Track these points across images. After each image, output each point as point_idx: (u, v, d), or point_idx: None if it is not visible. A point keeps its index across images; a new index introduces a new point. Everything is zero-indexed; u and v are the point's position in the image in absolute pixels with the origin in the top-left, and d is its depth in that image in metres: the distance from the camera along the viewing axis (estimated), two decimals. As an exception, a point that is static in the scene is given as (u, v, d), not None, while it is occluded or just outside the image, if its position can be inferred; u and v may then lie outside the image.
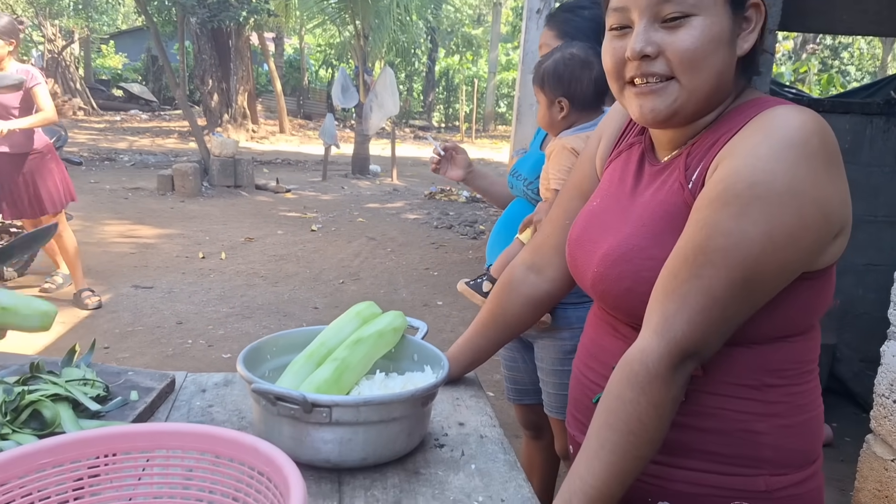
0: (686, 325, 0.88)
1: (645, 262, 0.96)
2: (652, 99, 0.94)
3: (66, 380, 1.19)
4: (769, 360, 0.95)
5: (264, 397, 1.04)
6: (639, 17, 0.92)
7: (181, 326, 4.40)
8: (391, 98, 11.75)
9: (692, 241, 0.88)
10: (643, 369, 0.89)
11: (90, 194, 8.73)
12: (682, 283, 0.88)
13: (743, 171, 0.86)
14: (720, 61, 0.91)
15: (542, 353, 1.91)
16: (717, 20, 0.90)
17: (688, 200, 0.93)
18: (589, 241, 1.07)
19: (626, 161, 1.10)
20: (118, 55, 28.04)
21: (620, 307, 1.02)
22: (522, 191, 1.92)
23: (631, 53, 0.93)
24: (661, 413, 0.90)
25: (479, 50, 27.54)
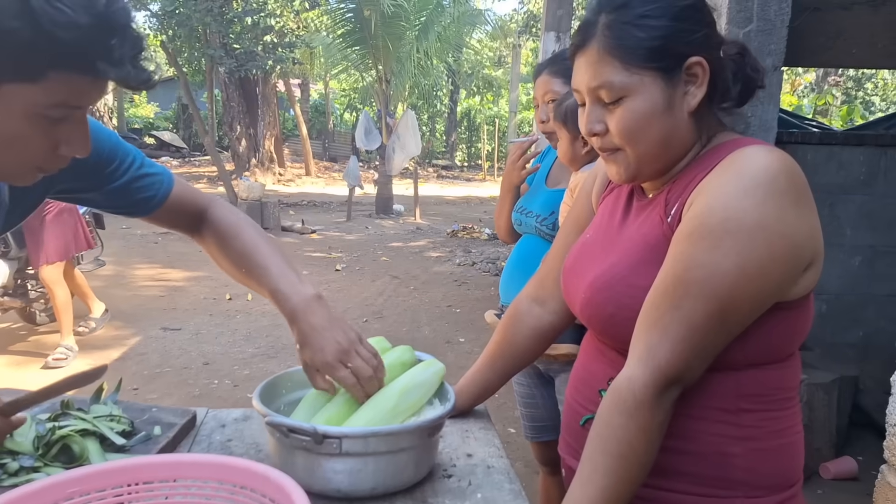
0: (669, 353, 0.93)
1: (626, 290, 1.02)
2: (613, 165, 1.05)
3: (93, 416, 1.26)
4: (745, 386, 0.99)
5: (278, 430, 1.09)
6: (586, 98, 1.03)
7: (208, 367, 4.49)
8: (413, 139, 11.97)
9: (671, 274, 0.95)
10: (630, 396, 0.95)
11: (122, 239, 8.96)
12: (663, 314, 0.94)
13: (715, 207, 0.92)
14: (659, 130, 0.99)
15: (566, 387, 1.92)
16: (647, 96, 0.97)
17: (666, 233, 1.00)
18: (579, 270, 1.14)
19: (617, 197, 1.18)
20: (150, 104, 28.89)
21: (606, 332, 1.09)
22: (534, 227, 1.97)
23: (585, 132, 1.04)
24: (649, 437, 0.95)
25: (500, 90, 27.91)
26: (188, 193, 1.30)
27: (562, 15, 6.10)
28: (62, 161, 0.90)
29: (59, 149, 0.88)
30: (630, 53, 0.96)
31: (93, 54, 0.79)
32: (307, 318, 1.14)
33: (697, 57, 0.97)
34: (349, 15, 12.04)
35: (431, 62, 13.80)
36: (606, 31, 0.98)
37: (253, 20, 10.63)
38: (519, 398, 2.15)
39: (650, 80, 0.97)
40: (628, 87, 0.97)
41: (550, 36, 6.02)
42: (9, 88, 0.80)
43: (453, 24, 12.99)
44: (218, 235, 1.28)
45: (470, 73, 26.20)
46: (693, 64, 0.98)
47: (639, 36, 0.96)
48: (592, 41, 0.99)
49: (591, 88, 1.00)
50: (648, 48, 0.96)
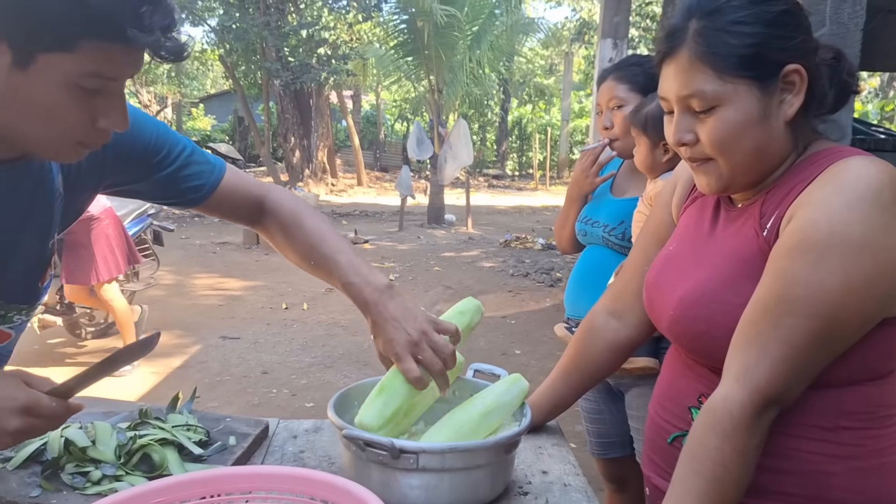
0: (768, 373, 0.90)
1: (719, 307, 0.99)
2: (703, 175, 1.02)
3: (171, 425, 1.28)
4: (844, 403, 0.96)
5: (354, 443, 1.08)
6: (675, 107, 1.00)
7: (266, 376, 4.55)
8: (465, 148, 11.98)
9: (771, 291, 0.91)
10: (727, 416, 0.91)
11: (181, 249, 9.19)
12: (762, 333, 0.90)
13: (818, 222, 0.88)
14: (753, 140, 0.95)
15: (637, 402, 1.87)
16: (741, 106, 0.94)
17: (762, 247, 0.96)
18: (665, 284, 1.11)
19: (702, 207, 1.14)
20: (207, 117, 29.71)
21: (696, 349, 1.05)
22: (602, 237, 1.93)
23: (673, 141, 1.01)
24: (745, 459, 0.92)
25: (552, 99, 27.79)
26: (242, 182, 1.29)
27: (619, 21, 6.03)
28: (103, 136, 0.93)
29: (97, 122, 0.90)
30: (723, 61, 0.93)
31: (123, 22, 0.81)
32: (379, 309, 1.14)
33: (795, 64, 0.93)
34: (402, 26, 12.16)
35: (484, 71, 13.82)
36: (697, 38, 0.94)
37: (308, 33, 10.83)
38: (585, 413, 2.11)
39: (744, 90, 0.94)
40: (721, 97, 0.94)
41: (607, 43, 5.95)
42: (45, 59, 0.82)
43: (506, 32, 12.99)
44: (281, 225, 1.28)
45: (521, 81, 26.16)
46: (790, 72, 0.94)
47: (732, 43, 0.93)
48: (682, 48, 0.96)
49: (682, 97, 0.97)
50: (742, 56, 0.93)
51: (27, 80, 0.83)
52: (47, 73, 0.83)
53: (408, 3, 11.05)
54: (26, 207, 1.01)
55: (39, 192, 1.03)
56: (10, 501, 1.05)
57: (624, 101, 1.90)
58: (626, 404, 1.93)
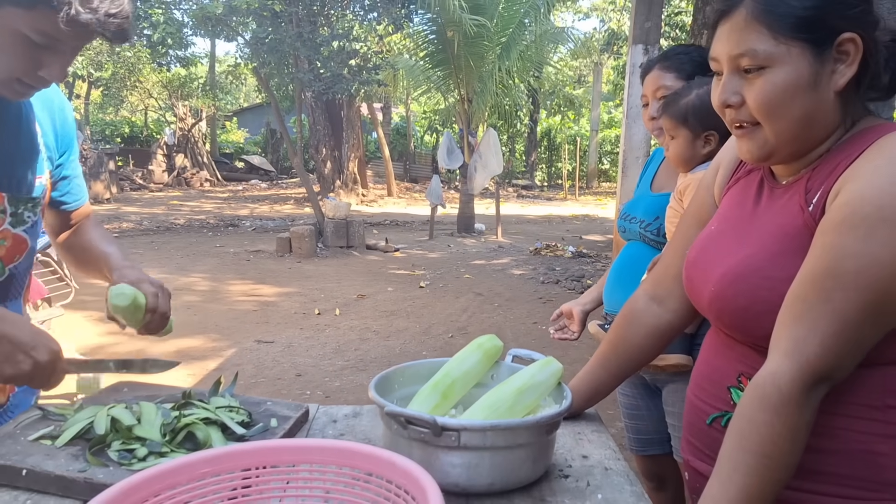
0: (819, 347, 0.88)
1: (762, 282, 0.97)
2: (746, 141, 1.00)
3: (215, 406, 1.30)
4: (892, 381, 0.93)
5: (396, 420, 1.09)
6: (725, 68, 0.98)
7: (300, 378, 4.58)
8: (495, 158, 12.00)
9: (819, 265, 0.89)
10: (776, 392, 0.89)
11: (216, 257, 9.33)
12: (811, 307, 0.89)
13: (868, 194, 0.87)
14: (801, 106, 0.94)
15: (674, 398, 1.85)
16: (793, 68, 0.92)
17: (808, 223, 0.95)
18: (706, 263, 1.09)
19: (745, 187, 1.12)
20: (240, 130, 30.19)
21: (737, 326, 1.03)
22: (639, 233, 1.92)
23: (718, 102, 1.00)
24: (795, 436, 0.90)
25: (581, 109, 27.70)
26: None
27: (650, 27, 6.00)
28: (42, 82, 1.15)
29: (40, 69, 1.12)
30: (780, 21, 0.92)
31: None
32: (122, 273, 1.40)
33: (851, 33, 0.92)
34: (432, 37, 12.23)
35: (513, 81, 13.84)
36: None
37: (339, 45, 10.95)
38: (623, 410, 2.09)
39: (798, 53, 0.92)
40: (773, 57, 0.93)
41: (638, 49, 5.92)
42: (6, 10, 1.05)
43: (535, 42, 13.00)
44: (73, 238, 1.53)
45: (551, 92, 26.13)
46: (846, 40, 0.92)
47: (791, 4, 0.92)
48: (740, 7, 0.95)
49: (733, 56, 0.96)
50: (800, 17, 0.91)
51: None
52: (7, 21, 1.06)
53: (437, 13, 11.13)
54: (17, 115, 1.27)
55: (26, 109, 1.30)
56: (59, 475, 1.07)
57: (671, 89, 1.87)
58: (663, 400, 1.90)
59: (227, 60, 23.01)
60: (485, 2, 11.77)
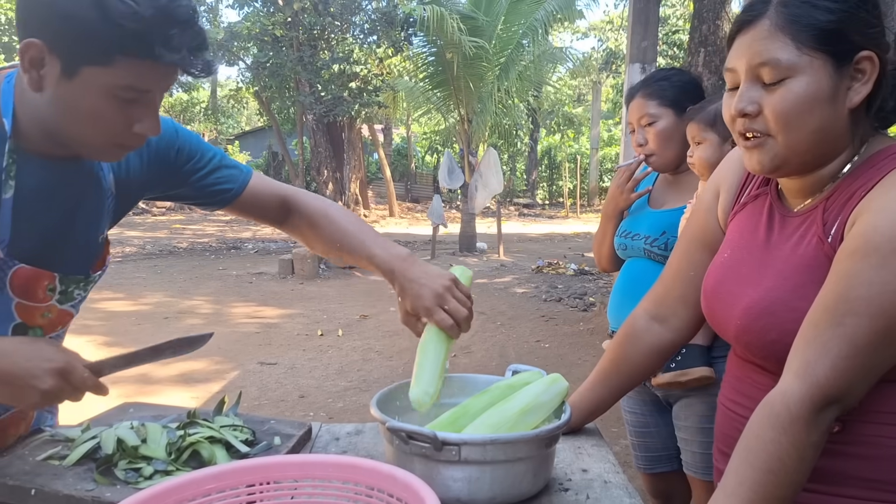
0: (829, 370, 0.90)
1: (789, 314, 0.98)
2: (757, 153, 1.01)
3: (219, 426, 1.31)
4: None
5: (397, 436, 1.10)
6: (743, 78, 0.99)
7: (303, 400, 4.59)
8: (495, 177, 12.05)
9: (833, 291, 0.91)
10: (785, 410, 0.91)
11: (219, 280, 9.36)
12: (822, 332, 0.91)
13: (881, 225, 0.89)
14: (819, 119, 0.95)
15: (686, 412, 1.85)
16: (813, 80, 0.94)
17: (828, 253, 0.97)
18: (727, 294, 1.10)
19: (754, 212, 1.13)
20: (242, 153, 30.32)
21: (768, 357, 1.04)
22: (643, 249, 1.92)
23: (734, 111, 1.00)
24: (801, 455, 0.91)
25: (581, 128, 27.86)
26: (269, 185, 1.42)
27: (646, 46, 6.07)
28: (139, 139, 1.06)
29: (133, 127, 1.03)
30: (804, 32, 0.94)
31: (152, 42, 0.94)
32: (404, 273, 1.24)
33: (869, 51, 0.95)
34: (431, 59, 12.37)
35: (512, 101, 13.95)
36: (781, 8, 0.95)
37: (340, 68, 11.07)
38: (630, 427, 2.08)
39: (819, 65, 0.94)
40: (795, 67, 0.94)
41: (636, 68, 5.99)
42: (87, 71, 0.96)
43: (533, 63, 13.12)
44: (308, 220, 1.39)
45: (550, 111, 26.30)
46: (864, 58, 0.95)
47: (816, 16, 0.94)
48: (763, 18, 0.97)
49: (753, 66, 0.97)
50: (824, 29, 0.93)
51: (73, 89, 0.98)
52: (89, 84, 0.97)
53: (436, 35, 11.25)
54: (77, 199, 1.16)
55: (90, 187, 1.18)
56: (67, 495, 1.09)
57: (656, 116, 1.91)
58: (674, 415, 1.90)
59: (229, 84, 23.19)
60: (483, 23, 11.90)
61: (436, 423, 1.18)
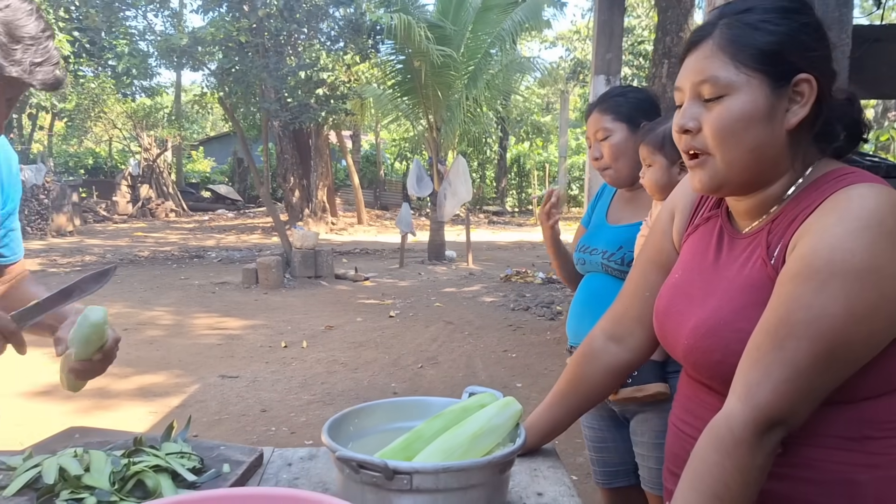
0: (770, 393, 0.90)
1: (733, 335, 0.99)
2: (698, 171, 1.03)
3: (165, 453, 1.27)
4: (869, 413, 0.96)
5: (348, 465, 1.08)
6: (686, 95, 1.02)
7: (265, 414, 4.52)
8: (464, 185, 12.06)
9: (775, 314, 0.92)
10: (729, 434, 0.92)
11: (180, 290, 9.21)
12: (765, 354, 0.91)
13: (820, 249, 0.90)
14: (755, 137, 0.97)
15: (642, 428, 1.86)
16: (750, 99, 0.96)
17: (771, 275, 0.97)
18: (676, 314, 1.11)
19: (706, 234, 1.15)
20: (207, 159, 29.98)
21: (714, 377, 1.05)
22: (601, 264, 1.94)
23: (676, 127, 1.03)
24: (746, 479, 0.91)
25: (549, 136, 28.07)
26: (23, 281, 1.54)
27: (611, 58, 6.12)
28: None
29: None
30: (743, 51, 0.96)
31: None
32: None
33: (808, 74, 0.96)
34: (399, 66, 12.34)
35: (481, 109, 13.99)
36: (724, 29, 0.98)
37: (306, 74, 10.98)
38: (589, 443, 2.08)
39: (756, 84, 0.96)
40: (733, 85, 0.96)
41: (600, 79, 6.04)
42: None
43: (502, 71, 13.18)
44: None
45: (519, 119, 26.46)
46: (802, 80, 0.96)
47: (755, 37, 0.96)
48: (708, 38, 0.99)
49: (695, 83, 1.00)
50: (762, 50, 0.96)
51: None
52: None
53: (404, 44, 11.24)
54: None
55: None
56: (3, 529, 1.05)
57: (610, 130, 1.94)
58: (631, 430, 1.91)
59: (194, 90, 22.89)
60: (451, 32, 11.92)
61: (388, 450, 1.16)
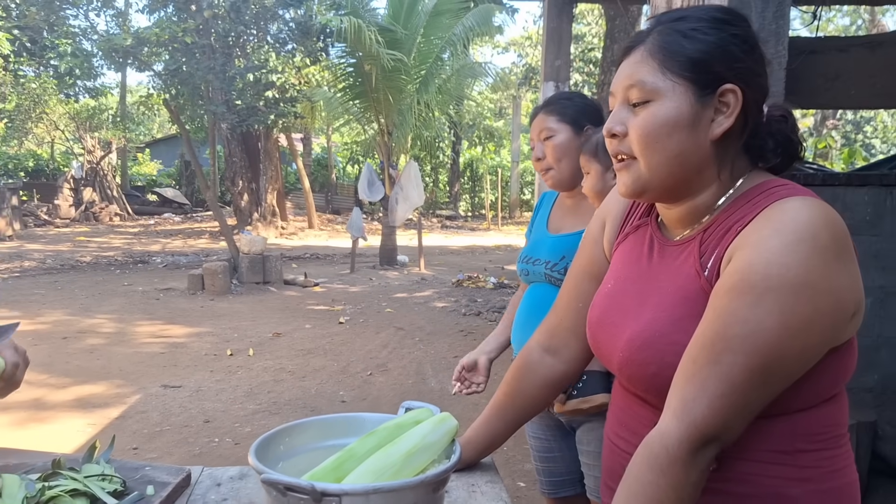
0: (706, 409, 0.89)
1: (668, 347, 0.98)
2: (623, 174, 1.03)
3: (85, 475, 1.21)
4: (800, 426, 0.96)
5: (274, 488, 1.04)
6: (617, 100, 1.03)
7: (209, 425, 4.40)
8: (416, 190, 12.03)
9: (710, 329, 0.91)
10: (663, 451, 0.91)
11: (123, 297, 8.94)
12: (700, 369, 0.90)
13: (756, 263, 0.89)
14: (678, 144, 0.97)
15: (589, 437, 1.86)
16: (674, 105, 0.96)
17: (704, 287, 0.97)
18: (611, 325, 1.10)
19: (636, 242, 1.14)
20: (153, 162, 29.27)
21: (649, 389, 1.04)
22: (544, 274, 1.93)
23: (605, 131, 1.04)
24: (681, 496, 0.90)
25: (502, 140, 28.26)
26: None
27: (559, 65, 6.19)
28: None
29: None
30: (670, 58, 0.97)
31: None
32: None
33: (733, 85, 0.96)
34: (350, 69, 12.25)
35: (433, 114, 13.97)
36: (657, 36, 0.99)
37: (255, 76, 10.82)
38: (535, 453, 2.07)
39: (681, 91, 0.96)
40: (658, 91, 0.97)
41: (549, 85, 6.10)
42: None
43: (454, 76, 13.19)
44: None
45: (471, 124, 26.56)
46: (727, 90, 0.96)
47: (684, 44, 0.97)
48: (641, 45, 1.00)
49: (625, 88, 1.01)
50: (689, 58, 0.96)
51: None
52: None
53: (355, 47, 11.16)
54: None
55: None
56: None
57: (554, 131, 1.94)
58: (577, 440, 1.91)
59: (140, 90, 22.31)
60: (402, 36, 11.88)
61: (318, 470, 1.12)
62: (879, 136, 25.42)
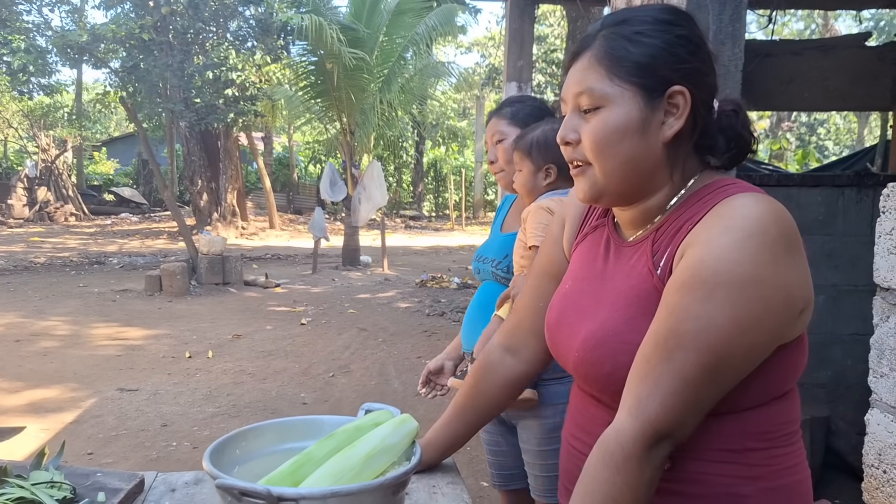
0: (659, 406, 0.89)
1: (622, 347, 0.98)
2: (580, 181, 1.04)
3: (32, 483, 1.17)
4: (750, 425, 0.96)
5: (229, 493, 1.01)
6: (568, 107, 1.03)
7: (166, 429, 4.31)
8: (379, 190, 11.98)
9: (663, 326, 0.91)
10: (619, 449, 0.91)
11: (78, 298, 8.72)
12: (654, 367, 0.91)
13: (707, 259, 0.89)
14: (629, 149, 0.97)
15: (527, 434, 1.89)
16: (624, 111, 0.97)
17: (657, 286, 0.97)
18: (567, 325, 1.10)
19: (594, 243, 1.14)
20: (110, 161, 28.64)
21: (604, 389, 1.04)
22: (491, 272, 1.97)
23: (559, 139, 1.04)
24: (636, 494, 0.90)
25: (466, 141, 28.32)
26: None
27: (522, 66, 6.21)
28: None
29: None
30: (617, 64, 0.97)
31: None
32: None
33: (681, 87, 0.96)
34: (311, 68, 12.12)
35: (396, 113, 13.91)
36: (602, 41, 0.99)
37: (214, 74, 10.65)
38: (486, 446, 2.11)
39: (630, 96, 0.96)
40: (607, 97, 0.97)
41: (512, 86, 6.11)
42: None
43: (417, 76, 13.15)
44: None
45: (435, 124, 26.55)
46: (676, 93, 0.96)
47: (629, 49, 0.97)
48: (588, 50, 1.00)
49: (574, 94, 1.00)
50: (636, 63, 0.96)
51: None
52: None
53: (316, 45, 11.06)
54: None
55: None
56: None
57: (505, 134, 1.97)
58: (519, 437, 1.94)
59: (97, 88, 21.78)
60: (364, 35, 11.80)
61: (275, 475, 1.10)
62: (832, 137, 26.15)
